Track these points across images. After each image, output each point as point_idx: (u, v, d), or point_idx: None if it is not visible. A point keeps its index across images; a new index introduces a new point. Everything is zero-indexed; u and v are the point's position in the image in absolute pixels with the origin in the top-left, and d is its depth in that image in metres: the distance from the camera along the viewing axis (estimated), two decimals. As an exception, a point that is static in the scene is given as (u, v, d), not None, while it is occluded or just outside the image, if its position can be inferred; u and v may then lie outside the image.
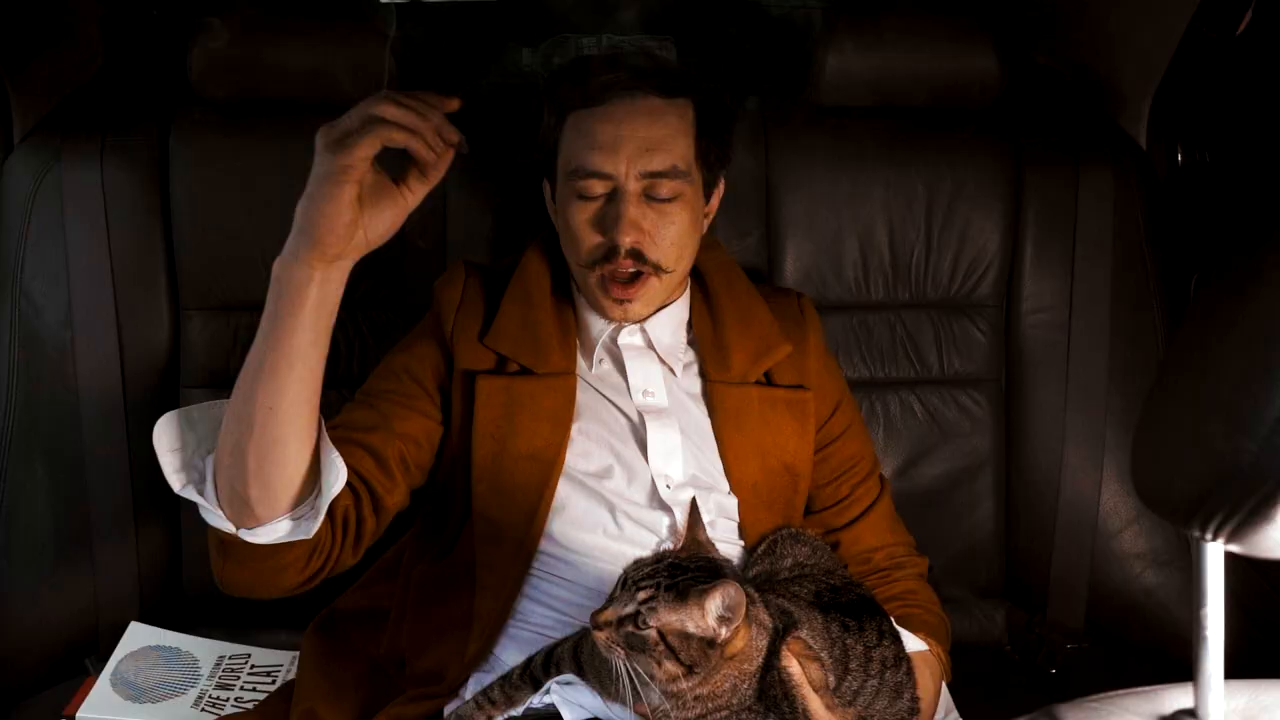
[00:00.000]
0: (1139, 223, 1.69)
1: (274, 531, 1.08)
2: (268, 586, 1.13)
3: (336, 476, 1.07)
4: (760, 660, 1.01)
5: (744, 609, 0.98)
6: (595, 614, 1.00)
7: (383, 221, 1.04)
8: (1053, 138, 1.72)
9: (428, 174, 1.04)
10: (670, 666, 0.97)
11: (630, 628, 0.98)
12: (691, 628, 0.97)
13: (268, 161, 1.61)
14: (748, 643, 1.00)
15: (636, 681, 0.98)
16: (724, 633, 0.98)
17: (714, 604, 0.97)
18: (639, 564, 1.03)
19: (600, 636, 0.99)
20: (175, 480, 1.08)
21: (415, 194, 1.05)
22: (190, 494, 1.08)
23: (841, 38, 1.60)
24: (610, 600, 1.01)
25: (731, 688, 1.00)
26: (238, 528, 1.07)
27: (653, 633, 0.97)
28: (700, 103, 1.28)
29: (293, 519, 1.08)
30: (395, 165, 1.04)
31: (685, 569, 1.00)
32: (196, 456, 1.10)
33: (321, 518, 1.08)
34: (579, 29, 1.85)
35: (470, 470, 1.24)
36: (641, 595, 0.98)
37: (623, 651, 0.98)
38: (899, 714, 1.12)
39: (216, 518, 1.08)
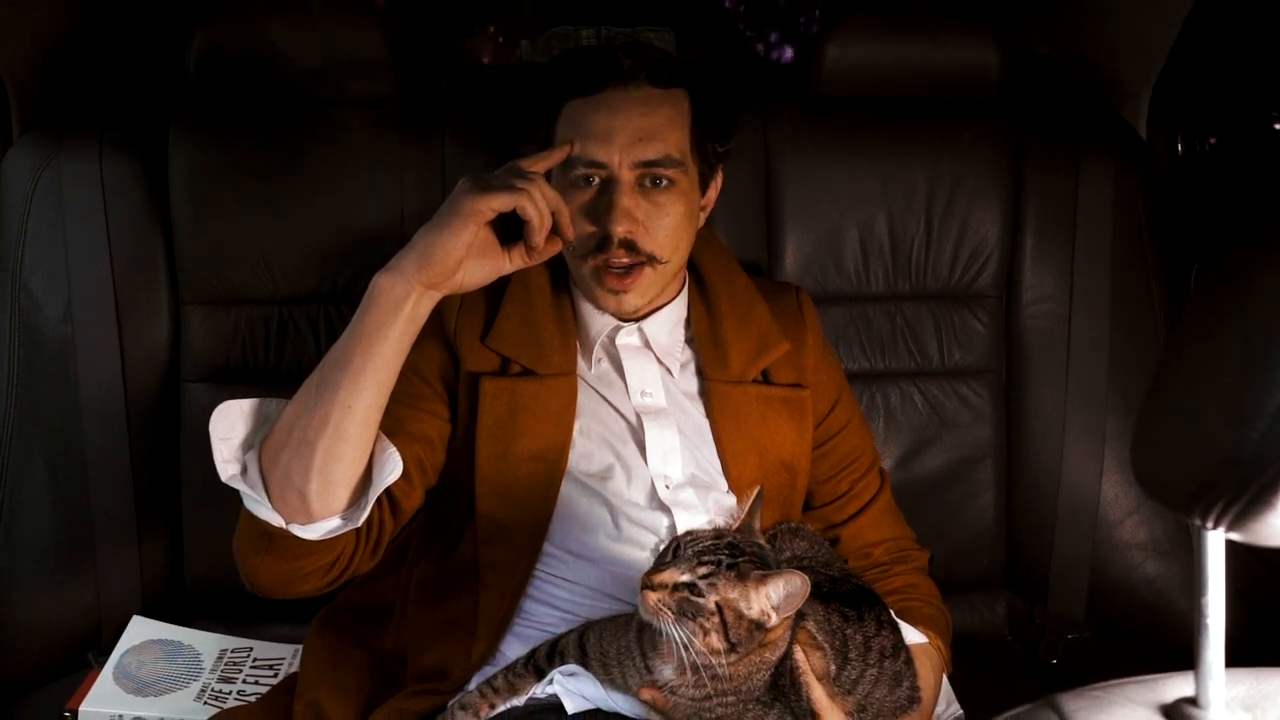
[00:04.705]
0: (1139, 213, 1.69)
1: (325, 525, 1.10)
2: (297, 583, 1.15)
3: (393, 468, 1.12)
4: (782, 651, 1.03)
5: (801, 601, 0.99)
6: (650, 574, 1.00)
7: (480, 271, 1.14)
8: (1053, 128, 1.72)
9: (531, 255, 1.15)
10: (715, 640, 0.98)
11: (686, 594, 0.98)
12: (745, 608, 0.99)
13: (267, 155, 1.61)
14: (782, 633, 1.01)
15: (677, 644, 0.98)
16: (774, 618, 0.99)
17: (776, 590, 0.99)
18: (695, 536, 1.03)
19: (651, 597, 0.99)
20: (224, 469, 1.10)
21: (513, 263, 1.16)
22: (238, 484, 1.10)
23: (841, 28, 1.60)
24: (662, 564, 1.01)
25: (748, 674, 1.01)
26: (288, 523, 1.09)
27: (711, 604, 0.98)
28: (696, 93, 1.27)
29: (342, 517, 1.12)
30: (507, 234, 1.15)
31: (742, 551, 1.01)
32: (240, 449, 1.12)
33: (370, 507, 1.11)
34: (579, 20, 1.85)
35: (474, 471, 1.24)
36: (703, 570, 0.99)
37: (671, 616, 0.98)
38: (898, 702, 1.13)
39: (265, 510, 1.09)
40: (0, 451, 1.56)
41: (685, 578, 0.99)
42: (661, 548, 1.10)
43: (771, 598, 0.99)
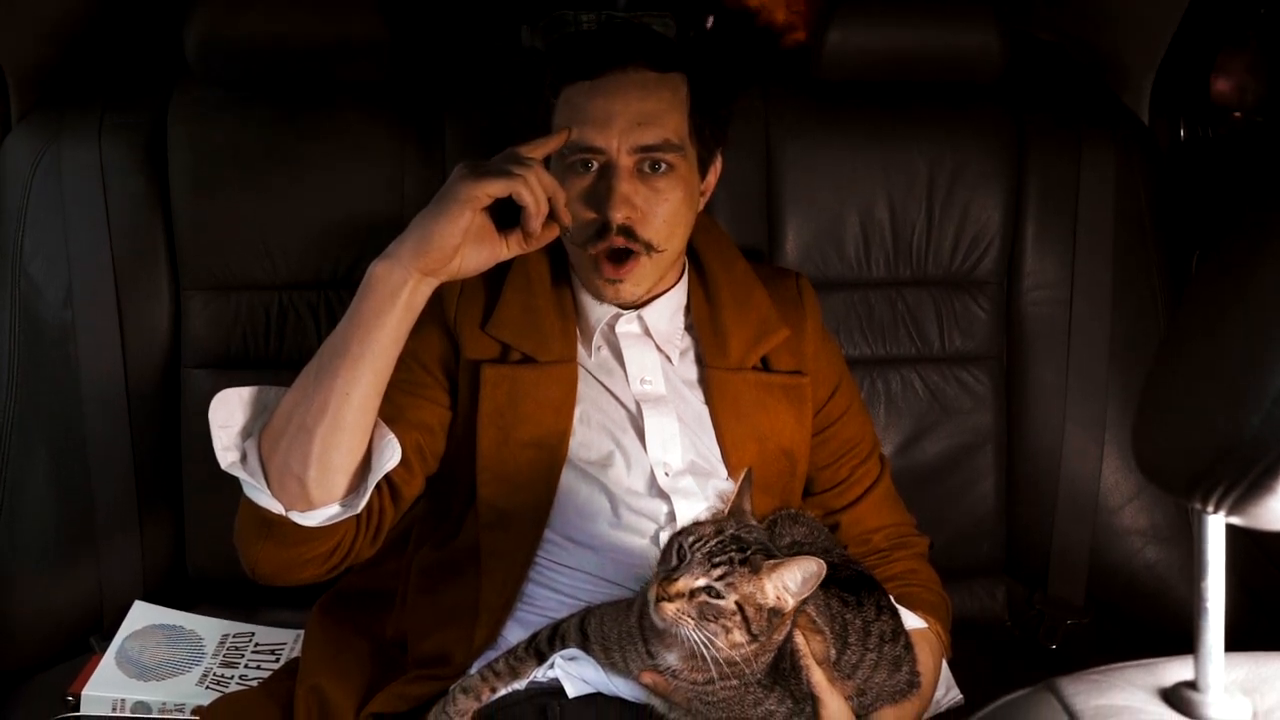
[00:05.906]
0: (1141, 199, 1.69)
1: (325, 513, 1.11)
2: (297, 571, 1.15)
3: (392, 455, 1.12)
4: (786, 631, 1.03)
5: (818, 582, 1.00)
6: (664, 585, 0.99)
7: (477, 257, 1.14)
8: (1055, 114, 1.71)
9: (528, 241, 1.16)
10: (738, 635, 0.99)
11: (704, 597, 0.98)
12: (763, 599, 0.99)
13: (267, 140, 1.60)
14: (789, 614, 1.02)
15: (698, 644, 0.98)
16: (791, 603, 1.00)
17: (793, 577, 0.99)
18: (698, 535, 1.02)
19: (669, 608, 0.98)
20: (224, 457, 1.11)
21: (510, 249, 1.16)
22: (238, 471, 1.10)
23: (843, 13, 1.59)
24: (670, 572, 1.00)
25: (754, 655, 1.01)
26: (287, 510, 1.10)
27: (731, 604, 0.98)
28: (694, 76, 1.27)
29: (341, 504, 1.12)
30: (504, 220, 1.15)
31: (748, 543, 1.01)
32: (240, 436, 1.13)
33: (369, 494, 1.12)
34: (578, 5, 1.84)
35: (475, 458, 1.24)
36: (717, 571, 0.99)
37: (693, 622, 0.99)
38: (897, 686, 1.13)
39: (265, 497, 1.10)
40: (1, 437, 1.56)
41: (701, 582, 0.99)
42: (662, 543, 1.10)
43: (786, 583, 0.99)
